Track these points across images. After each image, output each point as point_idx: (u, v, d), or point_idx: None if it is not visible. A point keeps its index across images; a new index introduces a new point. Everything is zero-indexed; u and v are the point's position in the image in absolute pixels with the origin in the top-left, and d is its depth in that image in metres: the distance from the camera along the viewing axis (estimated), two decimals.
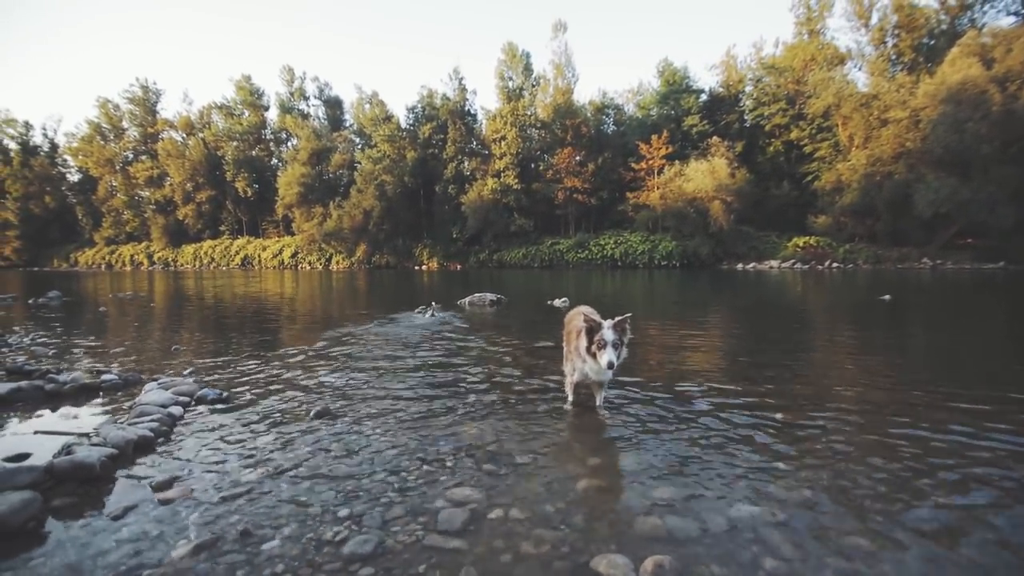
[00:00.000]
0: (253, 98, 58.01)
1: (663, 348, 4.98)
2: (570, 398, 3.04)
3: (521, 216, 41.40)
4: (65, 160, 65.45)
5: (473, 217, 41.03)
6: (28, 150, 64.35)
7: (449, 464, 2.20)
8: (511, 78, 44.41)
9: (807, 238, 31.88)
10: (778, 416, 2.80)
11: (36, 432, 2.59)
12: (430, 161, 46.88)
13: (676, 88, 41.88)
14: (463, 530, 1.68)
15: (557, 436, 2.58)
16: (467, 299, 9.51)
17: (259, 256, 52.81)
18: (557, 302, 9.16)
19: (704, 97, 43.06)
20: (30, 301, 10.62)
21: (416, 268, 42.74)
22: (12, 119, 64.34)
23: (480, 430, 2.61)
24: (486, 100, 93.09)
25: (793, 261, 30.53)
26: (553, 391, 3.36)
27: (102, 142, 61.62)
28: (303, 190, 49.80)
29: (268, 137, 59.03)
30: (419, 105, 48.99)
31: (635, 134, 40.64)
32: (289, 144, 57.78)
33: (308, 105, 58.51)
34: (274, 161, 58.82)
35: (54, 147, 65.82)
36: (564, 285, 16.36)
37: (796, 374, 3.88)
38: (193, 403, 3.01)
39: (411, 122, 49.14)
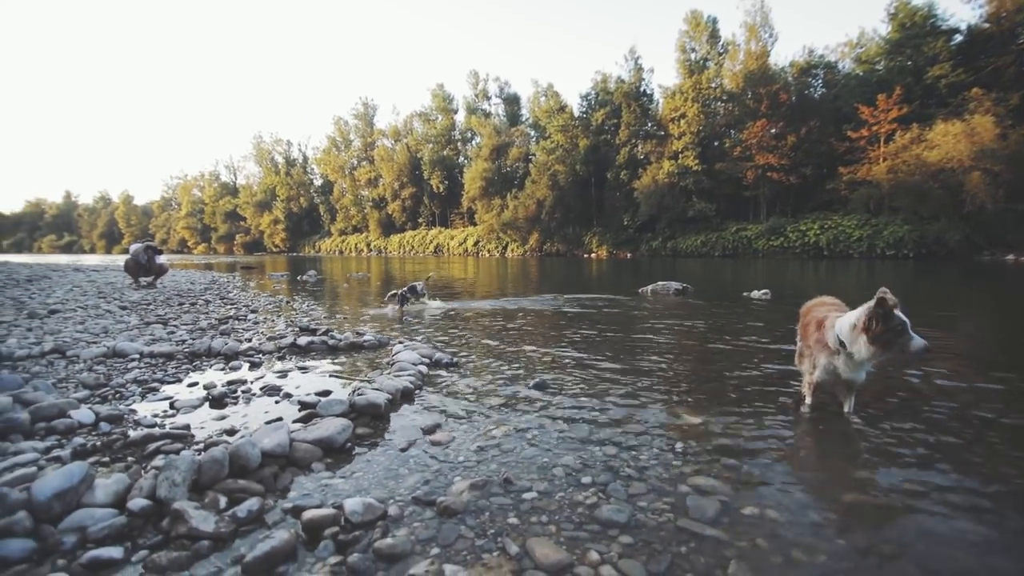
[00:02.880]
0: (445, 103, 65.08)
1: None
2: (808, 400, 2.66)
3: (701, 200, 38.20)
4: (312, 169, 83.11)
5: (646, 203, 39.38)
6: (289, 162, 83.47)
7: (679, 450, 2.12)
8: (694, 49, 40.96)
9: None
10: None
11: (330, 375, 3.33)
12: (602, 147, 46.41)
13: (915, 31, 33.13)
14: (717, 520, 1.59)
15: (799, 439, 2.28)
16: (649, 287, 9.17)
17: (448, 244, 59.43)
18: (756, 294, 8.19)
19: (959, 38, 33.14)
20: (297, 278, 13.82)
21: (585, 256, 43.02)
22: (279, 139, 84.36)
23: (704, 421, 2.46)
24: (664, 78, 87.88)
25: None
26: (776, 387, 3.00)
27: (336, 152, 76.41)
28: (484, 184, 54.18)
29: (456, 137, 65.67)
30: (592, 91, 48.70)
31: (853, 96, 33.68)
32: (473, 142, 63.42)
33: (490, 104, 63.23)
34: (461, 159, 65.24)
35: (305, 159, 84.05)
36: (755, 276, 14.58)
37: None
38: (431, 364, 3.51)
39: (584, 109, 49.18)
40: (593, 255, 43.45)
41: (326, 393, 2.82)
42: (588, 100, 49.04)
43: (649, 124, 44.98)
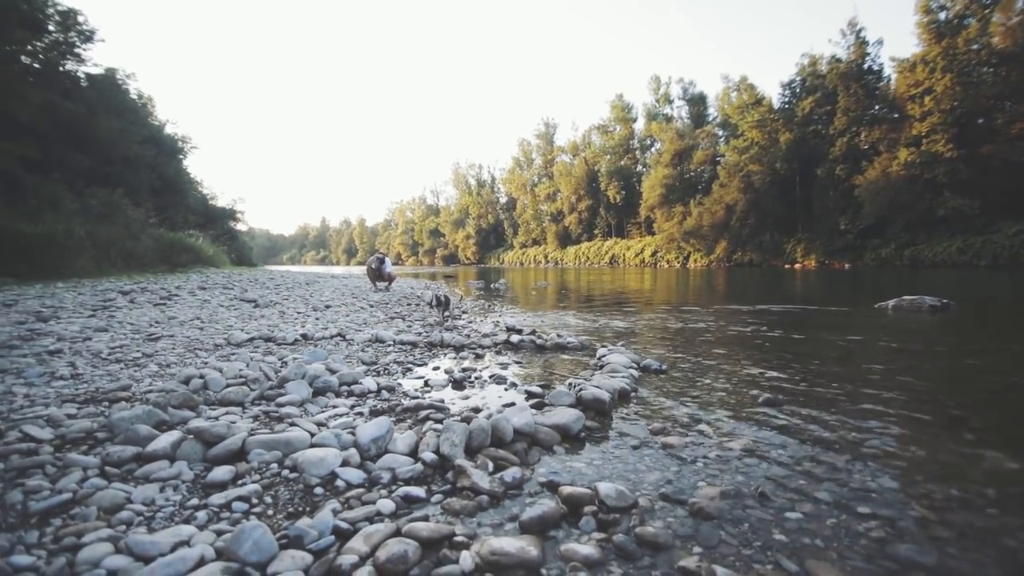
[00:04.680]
0: (623, 113, 64.59)
1: None
2: None
3: (956, 195, 29.97)
4: (499, 188, 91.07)
5: (872, 202, 32.62)
6: (480, 183, 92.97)
7: (991, 495, 1.66)
8: (943, 7, 32.58)
9: None
10: None
11: (544, 370, 3.55)
12: (810, 140, 40.17)
13: None
14: None
15: None
16: (890, 302, 7.49)
17: (623, 255, 58.47)
18: None
19: None
20: (490, 286, 15.20)
21: (787, 266, 37.54)
22: (472, 163, 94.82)
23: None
24: (895, 49, 71.88)
25: None
26: None
27: (519, 171, 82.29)
28: (664, 191, 51.89)
29: (635, 146, 64.52)
30: (797, 78, 42.71)
31: None
32: (653, 149, 61.44)
33: (672, 108, 60.53)
34: (639, 167, 63.79)
35: (493, 179, 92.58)
36: None
37: None
38: (640, 369, 3.46)
39: (786, 100, 43.39)
40: (797, 265, 37.68)
41: (546, 385, 3.02)
42: (792, 88, 43.17)
43: (876, 107, 37.30)
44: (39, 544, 1.31)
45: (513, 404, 2.60)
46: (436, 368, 3.58)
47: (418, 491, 1.64)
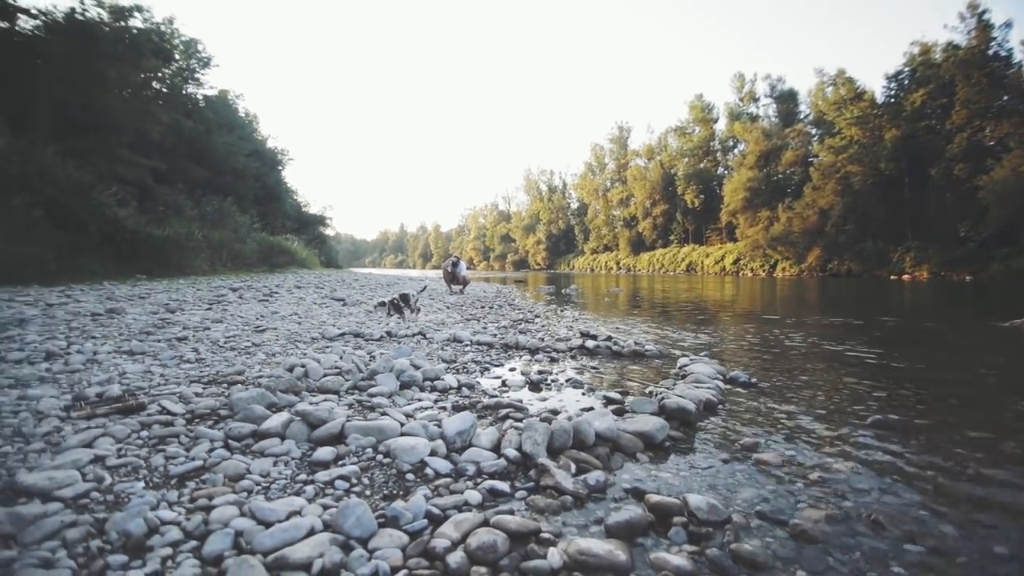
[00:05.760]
0: (704, 114, 61.72)
1: None
2: None
3: None
4: (570, 193, 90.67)
5: (1000, 205, 28.53)
6: (551, 189, 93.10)
7: None
8: None
9: None
10: None
11: (621, 377, 3.48)
12: (922, 137, 35.96)
13: None
14: None
15: None
16: None
17: (701, 262, 55.69)
18: None
19: None
20: (561, 291, 15.13)
21: (893, 277, 33.78)
22: (544, 169, 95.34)
23: None
24: None
25: None
26: None
27: (591, 176, 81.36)
28: (749, 195, 48.85)
29: (715, 148, 61.39)
30: (905, 69, 38.43)
31: None
32: (736, 151, 58.11)
33: (757, 107, 56.92)
34: (720, 170, 60.58)
35: (564, 185, 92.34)
36: None
37: None
38: (726, 380, 3.28)
39: (891, 94, 39.21)
40: (906, 276, 33.78)
41: (625, 392, 2.95)
42: (899, 81, 38.99)
43: (1005, 97, 32.60)
44: (178, 502, 1.50)
45: (592, 409, 2.57)
46: (512, 369, 3.64)
47: (503, 485, 1.68)
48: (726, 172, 58.61)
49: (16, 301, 5.96)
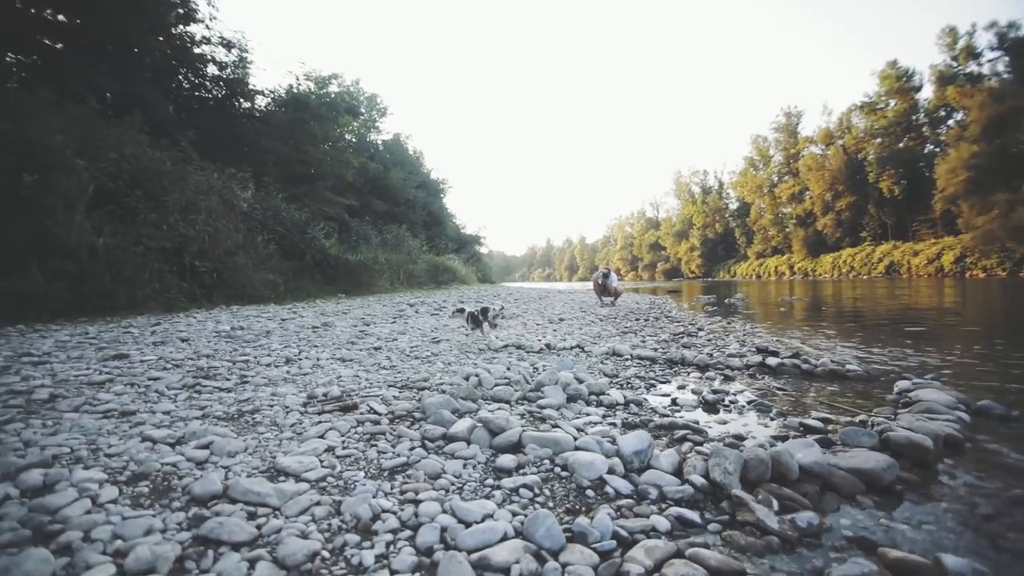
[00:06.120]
0: (900, 83, 51.25)
1: None
2: None
3: None
4: (728, 193, 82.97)
5: None
6: (705, 190, 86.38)
7: None
8: None
9: None
10: None
11: (824, 404, 2.99)
12: None
13: None
14: None
15: None
16: None
17: (907, 262, 45.81)
18: None
19: None
20: (724, 301, 13.82)
21: None
22: (696, 170, 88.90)
23: None
24: None
25: None
26: None
27: (753, 172, 73.36)
28: (974, 174, 38.75)
29: (919, 121, 50.28)
30: None
31: None
32: (950, 122, 46.78)
33: (979, 63, 45.10)
34: (928, 148, 49.35)
35: (720, 184, 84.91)
36: None
37: None
38: (970, 411, 2.59)
39: None
40: None
41: (826, 420, 2.53)
42: None
43: None
44: (391, 492, 1.71)
45: (786, 438, 2.25)
46: (681, 387, 3.40)
47: (692, 515, 1.55)
48: (937, 150, 47.44)
49: (262, 317, 7.64)
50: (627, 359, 4.35)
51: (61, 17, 12.80)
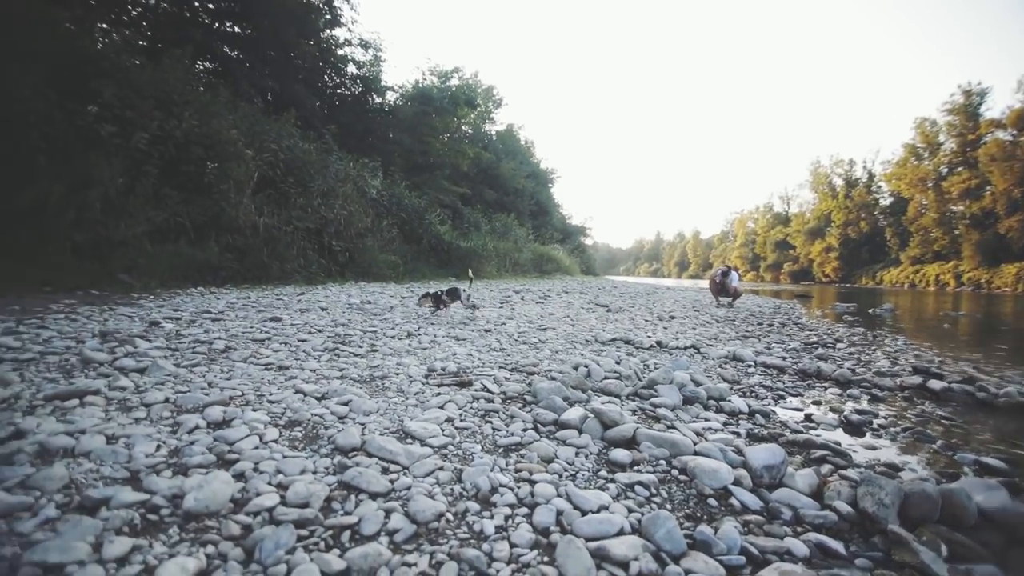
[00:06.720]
0: None
1: None
2: None
3: None
4: (879, 187, 71.69)
5: None
6: (850, 183, 75.53)
7: None
8: None
9: None
10: None
11: (1005, 440, 2.48)
12: None
13: None
14: None
15: None
16: None
17: None
18: None
19: None
20: (868, 311, 12.05)
21: None
22: (840, 160, 77.87)
23: None
24: None
25: None
26: None
27: (915, 162, 62.45)
28: None
29: None
30: None
31: None
32: None
33: None
34: None
35: (871, 176, 73.55)
36: None
37: None
38: None
39: None
40: None
41: (1011, 461, 2.09)
42: None
43: None
44: (507, 469, 1.77)
45: (956, 475, 1.91)
46: (817, 403, 3.04)
47: (835, 544, 1.38)
48: None
49: (385, 293, 8.37)
50: (750, 365, 3.99)
51: (236, 28, 15.06)
